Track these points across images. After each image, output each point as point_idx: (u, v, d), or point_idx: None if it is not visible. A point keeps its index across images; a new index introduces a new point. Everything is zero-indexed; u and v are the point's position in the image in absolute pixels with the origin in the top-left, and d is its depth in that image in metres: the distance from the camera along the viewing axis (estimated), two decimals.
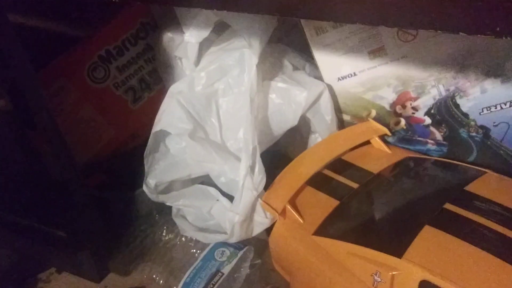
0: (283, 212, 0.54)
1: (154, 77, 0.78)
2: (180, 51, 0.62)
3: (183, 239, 0.67)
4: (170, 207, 0.68)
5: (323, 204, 0.54)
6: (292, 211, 0.53)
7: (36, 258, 0.68)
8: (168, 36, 0.69)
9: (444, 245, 0.43)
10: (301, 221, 0.53)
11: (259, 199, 0.54)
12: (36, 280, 0.67)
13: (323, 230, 0.51)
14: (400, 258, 0.43)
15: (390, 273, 0.43)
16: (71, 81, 0.73)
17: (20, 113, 0.50)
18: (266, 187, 0.55)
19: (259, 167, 0.53)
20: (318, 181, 0.57)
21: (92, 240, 0.60)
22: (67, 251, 0.61)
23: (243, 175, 0.53)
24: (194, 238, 0.65)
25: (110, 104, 0.75)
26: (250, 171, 0.53)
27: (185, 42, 0.61)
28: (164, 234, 0.68)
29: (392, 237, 0.46)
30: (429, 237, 0.44)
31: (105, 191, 0.69)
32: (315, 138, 0.67)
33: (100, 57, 0.74)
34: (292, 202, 0.55)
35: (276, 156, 0.66)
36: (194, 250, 0.65)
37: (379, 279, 0.44)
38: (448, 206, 0.46)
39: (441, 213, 0.46)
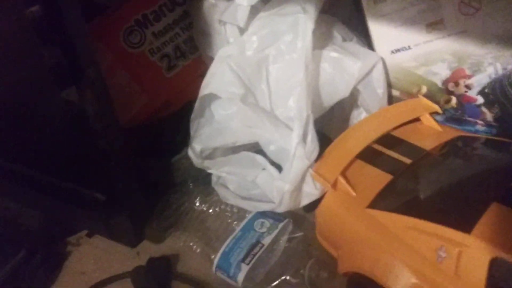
0: (334, 184, 0.53)
1: (190, 46, 0.76)
2: (227, 15, 0.60)
3: (217, 209, 0.65)
4: (204, 177, 0.67)
5: (375, 178, 0.53)
6: (345, 183, 0.52)
7: (66, 221, 0.66)
8: (210, 2, 0.67)
9: None
10: (354, 193, 0.52)
11: (310, 169, 0.53)
12: (65, 243, 0.65)
13: (377, 203, 0.50)
14: (469, 234, 0.41)
15: (457, 249, 0.42)
16: (107, 45, 0.71)
17: (69, 66, 0.48)
18: None
19: (312, 135, 0.52)
20: (369, 155, 0.55)
21: (130, 204, 0.58)
22: (102, 214, 0.60)
23: (295, 143, 0.51)
24: (230, 209, 0.64)
25: (145, 71, 0.73)
26: (302, 140, 0.52)
27: (235, 5, 0.59)
28: (198, 203, 0.67)
29: (458, 213, 0.45)
30: (497, 214, 0.43)
31: (139, 158, 0.68)
32: (358, 114, 0.65)
33: (136, 22, 0.72)
34: (344, 174, 0.53)
35: None
36: (230, 221, 0.63)
37: (444, 255, 0.43)
38: None
39: (510, 190, 0.44)
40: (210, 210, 0.65)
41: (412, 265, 0.44)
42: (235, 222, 0.62)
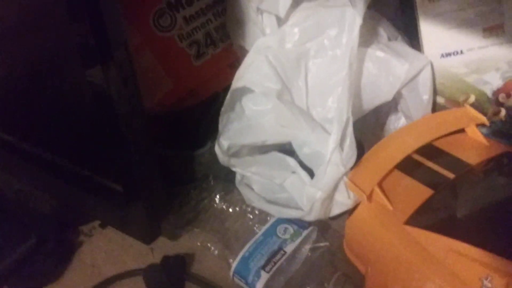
0: (369, 195, 0.49)
1: (221, 34, 0.72)
2: (267, 4, 0.56)
3: (238, 208, 0.62)
4: (227, 174, 0.63)
5: (415, 192, 0.49)
6: (381, 195, 0.48)
7: (79, 208, 0.63)
8: None
9: None
10: (390, 207, 0.48)
11: (345, 177, 0.49)
12: (77, 232, 0.63)
13: (416, 220, 0.46)
14: None
15: (506, 280, 0.38)
16: (135, 25, 0.67)
17: (97, 45, 0.44)
18: None
19: (350, 141, 0.48)
20: (408, 166, 0.51)
21: (148, 197, 0.55)
22: (118, 205, 0.56)
23: (332, 148, 0.48)
24: (251, 210, 0.61)
25: (172, 56, 0.70)
26: (340, 145, 0.48)
27: None
28: (218, 201, 0.63)
29: (508, 238, 0.41)
30: None
31: (160, 147, 0.64)
32: (396, 120, 0.61)
33: (168, 4, 0.68)
34: (380, 185, 0.49)
35: None
36: (251, 223, 0.60)
37: (489, 285, 0.39)
38: None
39: None
40: (230, 210, 0.62)
41: None
42: (256, 225, 0.59)
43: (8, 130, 0.65)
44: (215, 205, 0.62)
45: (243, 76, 0.51)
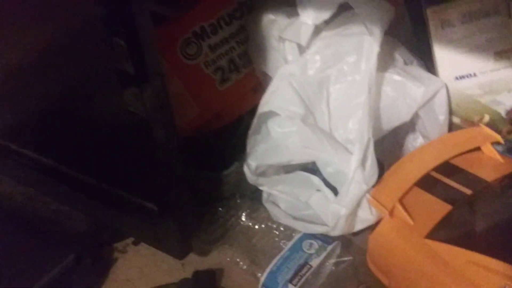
0: (391, 211, 0.51)
1: (244, 60, 0.76)
2: (289, 32, 0.60)
3: (263, 226, 0.65)
4: (252, 192, 0.66)
5: (434, 207, 0.52)
6: (402, 210, 0.51)
7: (114, 227, 0.67)
8: (269, 18, 0.67)
9: None
10: (411, 222, 0.50)
11: (367, 195, 0.52)
12: (112, 249, 0.66)
13: (436, 234, 0.49)
14: None
15: None
16: (164, 54, 0.71)
17: (138, 76, 0.48)
18: None
19: (371, 160, 0.51)
20: (427, 183, 0.54)
21: (180, 215, 0.58)
22: (151, 224, 0.60)
23: (354, 167, 0.51)
24: (277, 226, 0.63)
25: (198, 82, 0.74)
26: (361, 164, 0.51)
27: (298, 23, 0.58)
28: (244, 219, 0.66)
29: None
30: None
31: (190, 168, 0.68)
32: (414, 139, 0.64)
33: (194, 34, 0.72)
34: (401, 201, 0.52)
35: None
36: (278, 239, 0.63)
37: None
38: None
39: None
40: (256, 227, 0.65)
41: None
42: (282, 241, 0.62)
43: (47, 153, 0.69)
44: (242, 222, 0.66)
45: (269, 102, 0.54)
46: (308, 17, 0.57)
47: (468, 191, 0.52)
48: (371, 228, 0.54)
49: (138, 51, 0.48)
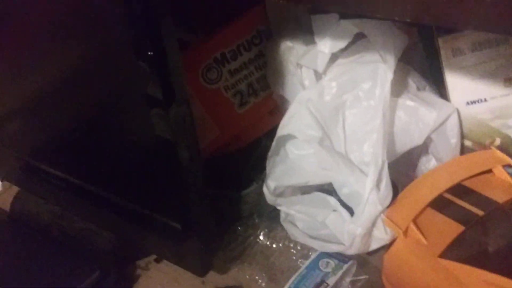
0: (405, 231, 0.53)
1: (262, 84, 0.79)
2: (306, 60, 0.63)
3: (281, 245, 0.67)
4: (270, 212, 0.69)
5: (447, 228, 0.53)
6: (416, 230, 0.53)
7: (138, 244, 0.69)
8: (287, 45, 0.70)
9: None
10: (425, 242, 0.52)
11: (382, 215, 0.54)
12: (135, 266, 0.68)
13: (450, 253, 0.50)
14: None
15: None
16: (187, 79, 0.75)
17: (165, 101, 0.51)
18: None
19: (386, 182, 0.53)
20: (440, 204, 0.56)
21: (202, 234, 0.60)
22: (174, 242, 0.62)
23: (369, 189, 0.53)
24: (294, 245, 0.65)
25: (218, 105, 0.77)
26: (376, 185, 0.53)
27: (315, 51, 0.61)
28: (262, 238, 0.68)
29: None
30: None
31: (210, 188, 0.70)
32: (427, 161, 0.66)
33: (215, 59, 0.75)
34: (415, 222, 0.54)
35: None
36: (295, 258, 0.65)
37: None
38: None
39: None
40: (274, 245, 0.67)
41: None
42: (299, 260, 0.64)
43: (74, 172, 0.72)
44: (260, 241, 0.68)
45: (288, 125, 0.57)
46: (325, 46, 0.60)
47: (480, 212, 0.54)
48: (386, 247, 0.56)
49: (166, 76, 0.51)
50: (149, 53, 0.49)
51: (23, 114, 0.72)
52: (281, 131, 0.58)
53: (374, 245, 0.55)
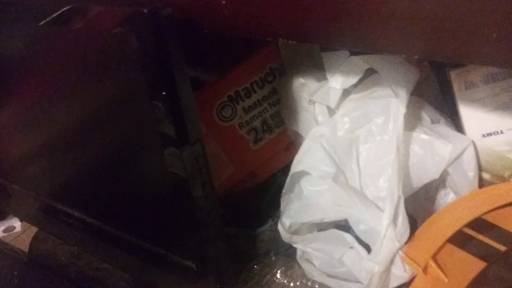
0: (425, 268, 0.52)
1: (276, 120, 0.80)
2: (318, 96, 0.63)
3: (298, 283, 0.66)
4: (286, 249, 0.68)
5: (468, 264, 0.52)
6: (436, 267, 0.51)
7: (154, 284, 0.68)
8: (299, 82, 0.71)
9: None
10: (446, 279, 0.51)
11: (400, 252, 0.53)
12: None
13: None
14: None
15: None
16: (201, 118, 0.76)
17: (179, 141, 0.52)
18: None
19: (403, 217, 0.52)
20: (459, 239, 0.54)
21: (218, 273, 0.60)
22: (190, 281, 0.61)
23: (386, 225, 0.52)
24: (311, 284, 0.64)
25: (233, 143, 0.77)
26: (393, 221, 0.52)
27: (327, 87, 0.62)
28: (279, 276, 0.67)
29: None
30: None
31: (225, 226, 0.70)
32: (445, 195, 0.64)
33: (229, 97, 0.77)
34: (434, 258, 0.52)
35: None
36: None
37: None
38: None
39: None
40: (291, 284, 0.66)
41: None
42: None
43: (90, 212, 0.73)
44: (277, 279, 0.67)
45: (301, 162, 0.57)
46: (336, 82, 0.60)
47: (502, 248, 0.52)
48: (406, 285, 0.54)
49: (179, 115, 0.52)
50: (163, 93, 0.50)
51: (41, 157, 0.73)
52: (295, 167, 0.58)
53: (393, 283, 0.54)
